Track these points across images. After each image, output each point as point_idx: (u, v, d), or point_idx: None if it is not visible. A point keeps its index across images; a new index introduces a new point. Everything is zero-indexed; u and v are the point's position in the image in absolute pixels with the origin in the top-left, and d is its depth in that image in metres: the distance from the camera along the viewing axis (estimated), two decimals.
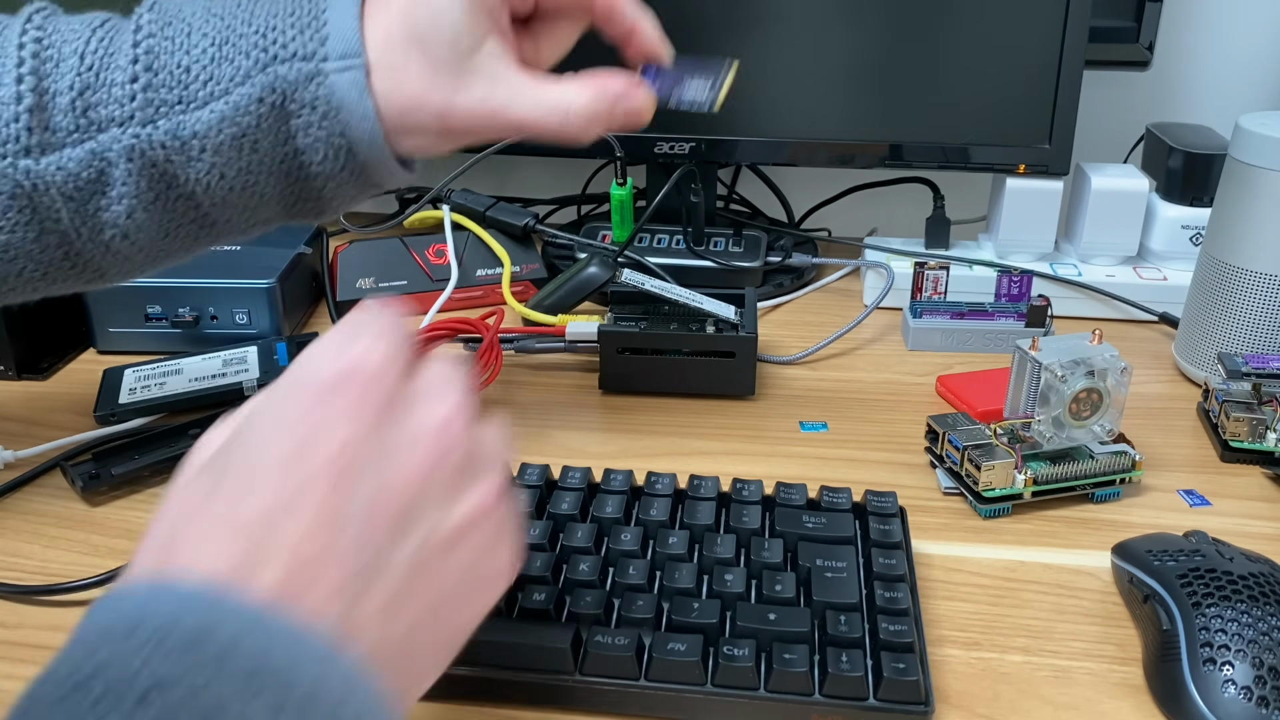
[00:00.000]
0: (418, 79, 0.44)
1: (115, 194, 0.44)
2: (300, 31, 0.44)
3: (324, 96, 0.44)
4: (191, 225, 0.47)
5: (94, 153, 0.44)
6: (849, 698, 0.43)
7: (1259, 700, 0.42)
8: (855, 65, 0.81)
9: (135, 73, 0.43)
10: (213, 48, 0.44)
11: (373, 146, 0.45)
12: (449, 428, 0.31)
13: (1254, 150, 0.66)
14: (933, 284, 0.78)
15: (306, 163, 0.45)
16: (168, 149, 0.44)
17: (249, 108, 0.44)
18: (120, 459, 0.59)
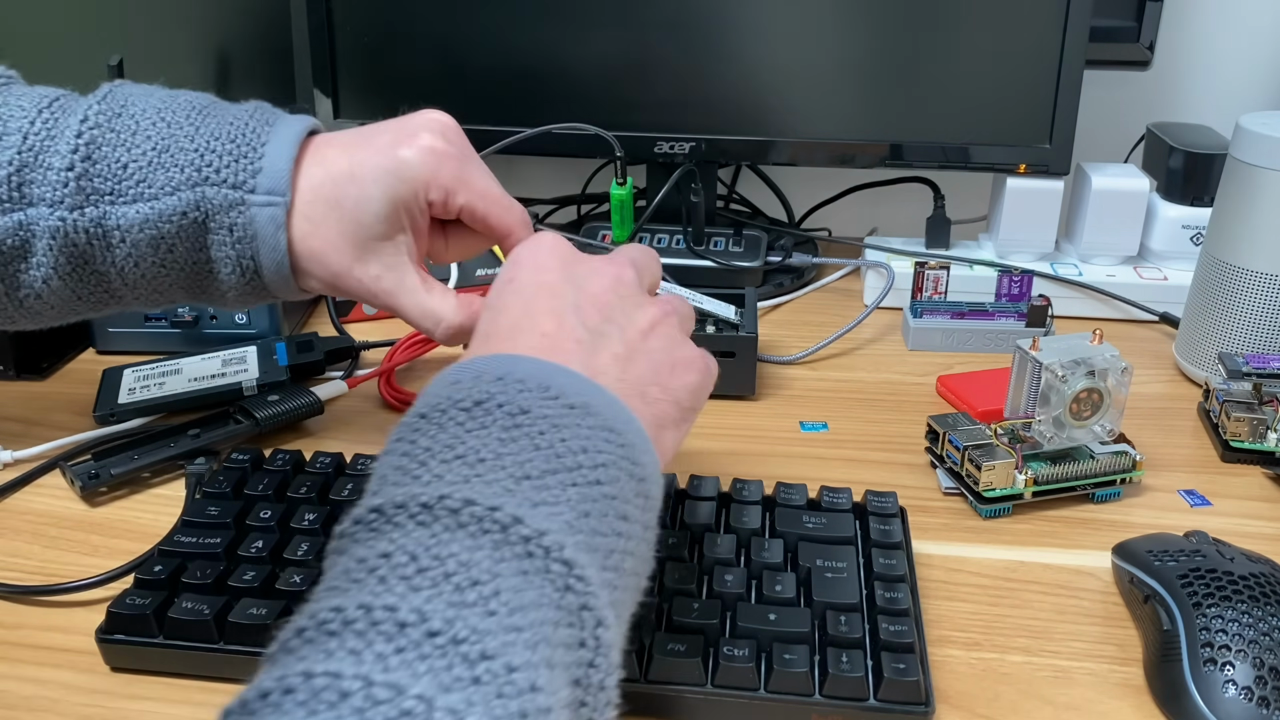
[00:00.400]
0: (325, 239, 0.49)
1: (35, 262, 0.48)
2: (236, 160, 0.48)
3: (242, 224, 0.48)
4: (102, 295, 0.50)
5: (20, 224, 0.47)
6: (849, 698, 0.43)
7: (1259, 700, 0.42)
8: (855, 65, 0.81)
9: (73, 161, 0.47)
10: (153, 152, 0.48)
11: (278, 274, 0.49)
12: (616, 268, 0.44)
13: (1255, 150, 0.66)
14: (933, 284, 0.78)
15: (214, 271, 0.50)
16: (89, 234, 0.47)
17: (171, 216, 0.47)
18: (119, 459, 0.59)
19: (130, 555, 0.53)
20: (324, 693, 0.26)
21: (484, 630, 0.29)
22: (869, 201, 0.95)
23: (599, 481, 0.35)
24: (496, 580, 0.30)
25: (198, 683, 0.46)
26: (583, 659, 0.32)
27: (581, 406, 0.36)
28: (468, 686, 0.27)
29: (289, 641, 0.30)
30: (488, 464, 0.34)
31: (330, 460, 0.56)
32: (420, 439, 0.35)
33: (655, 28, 0.81)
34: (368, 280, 0.49)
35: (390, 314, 0.52)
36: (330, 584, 0.31)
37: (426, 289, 0.50)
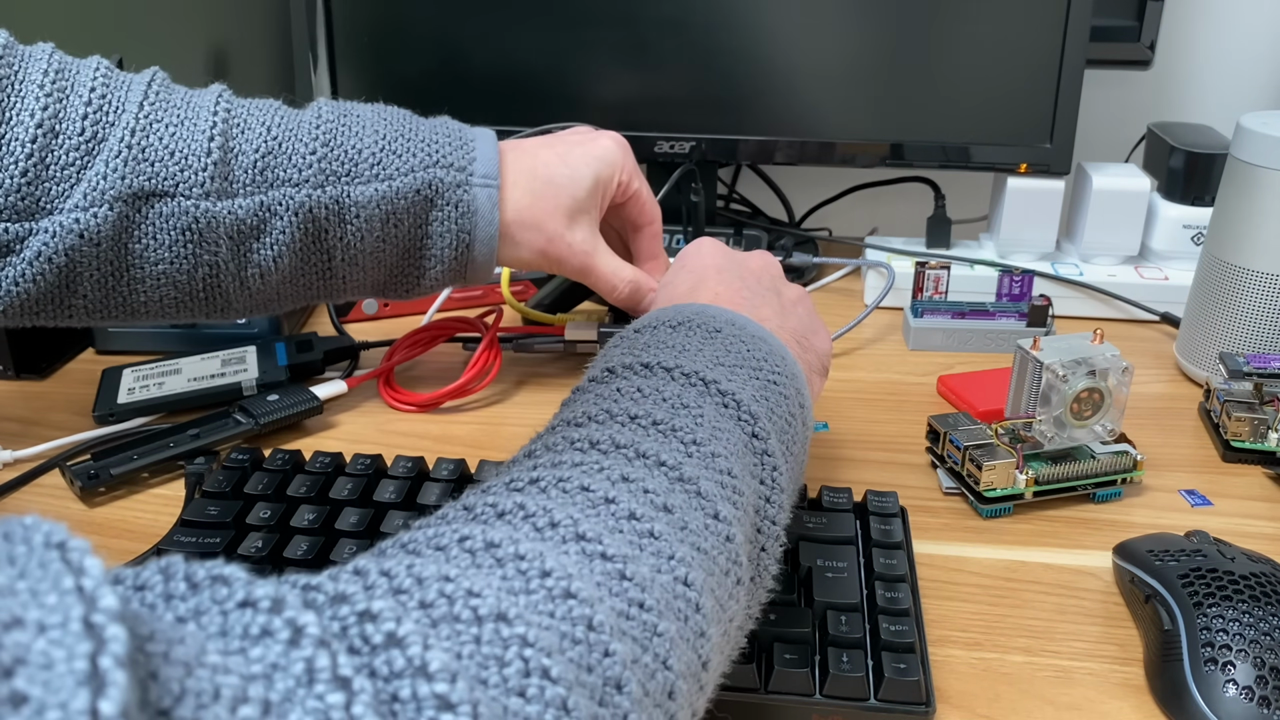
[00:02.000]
0: (544, 209, 0.58)
1: (270, 240, 0.54)
2: (455, 149, 0.57)
3: (466, 200, 0.56)
4: (320, 272, 0.57)
5: (263, 205, 0.53)
6: (849, 698, 0.43)
7: (1260, 700, 0.42)
8: (856, 65, 0.81)
9: (315, 147, 0.54)
10: (382, 141, 0.56)
11: (487, 247, 0.58)
12: (765, 258, 0.54)
13: (1255, 149, 0.66)
14: (934, 283, 0.78)
15: (429, 246, 0.57)
16: (329, 210, 0.54)
17: (406, 194, 0.55)
18: (119, 459, 0.59)
19: (130, 555, 0.53)
20: (578, 443, 0.37)
21: (695, 429, 0.38)
22: (869, 201, 0.95)
23: (775, 382, 0.43)
24: (702, 409, 0.39)
25: None
26: (761, 492, 0.39)
27: (760, 336, 0.45)
28: (682, 455, 0.36)
29: (541, 438, 0.39)
30: (690, 352, 0.42)
31: (330, 460, 0.56)
32: (638, 339, 0.44)
33: (655, 28, 0.81)
34: (576, 243, 0.59)
35: (580, 279, 0.62)
36: (565, 414, 0.40)
37: (613, 255, 0.61)
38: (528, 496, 0.32)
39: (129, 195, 0.51)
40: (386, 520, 0.51)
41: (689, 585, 0.32)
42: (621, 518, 0.32)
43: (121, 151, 0.51)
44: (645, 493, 0.33)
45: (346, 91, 0.86)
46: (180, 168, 0.51)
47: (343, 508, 0.53)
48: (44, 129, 0.50)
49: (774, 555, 0.39)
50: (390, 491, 0.54)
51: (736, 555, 0.35)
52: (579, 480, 0.33)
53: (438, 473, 0.55)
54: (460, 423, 0.67)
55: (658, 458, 0.35)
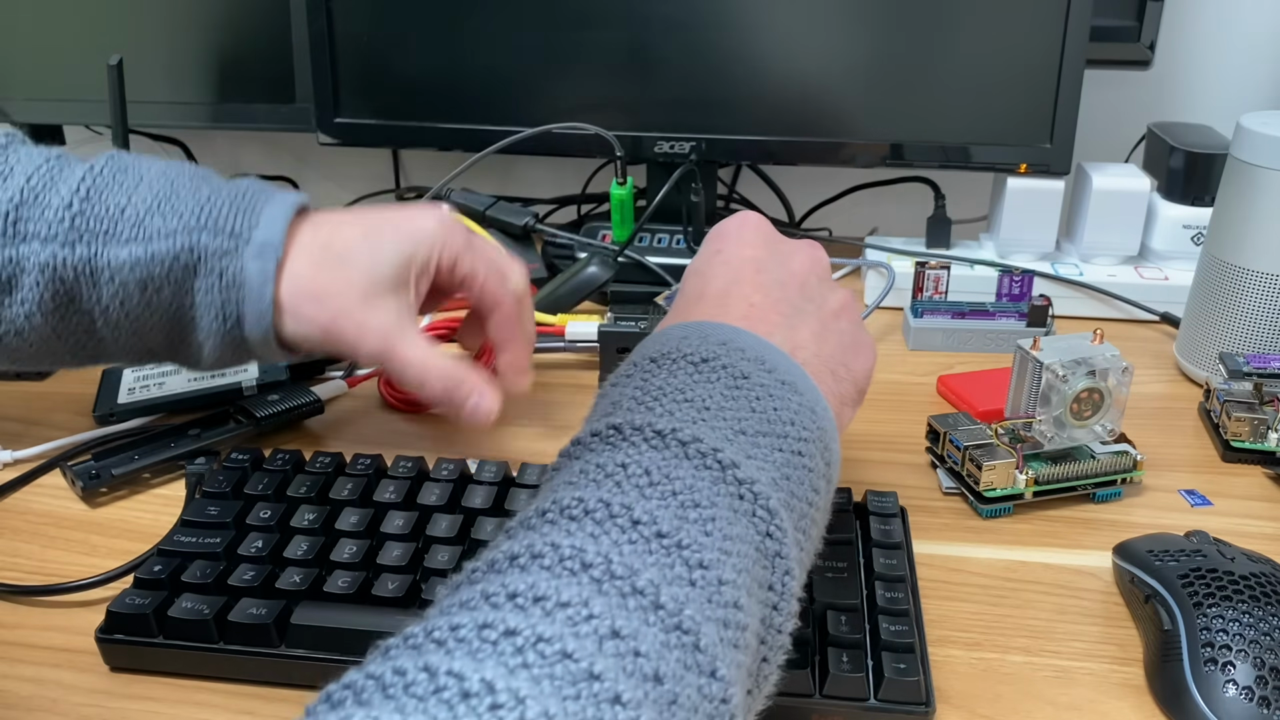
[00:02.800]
0: (329, 282, 0.50)
1: (20, 298, 0.49)
2: (235, 214, 0.50)
3: (231, 272, 0.49)
4: (82, 338, 0.51)
5: (10, 259, 0.49)
6: (849, 698, 0.43)
7: (1260, 700, 0.42)
8: (855, 65, 0.81)
9: (72, 200, 0.49)
10: (153, 200, 0.50)
11: (259, 325, 0.50)
12: (813, 251, 0.48)
13: (1255, 149, 0.66)
14: (934, 284, 0.78)
15: (195, 319, 0.51)
16: (78, 271, 0.49)
17: (163, 259, 0.49)
18: (120, 459, 0.59)
19: (130, 555, 0.53)
20: (568, 561, 0.31)
21: (703, 544, 0.33)
22: (869, 201, 0.95)
23: (800, 454, 0.39)
24: (714, 508, 0.35)
25: (197, 683, 0.46)
26: (769, 600, 0.36)
27: (790, 384, 0.41)
28: (685, 585, 0.32)
29: (530, 520, 0.34)
30: (712, 412, 0.38)
31: (330, 460, 0.56)
32: (653, 379, 0.40)
33: (655, 28, 0.81)
34: (369, 324, 0.51)
35: (379, 367, 0.53)
36: (567, 480, 0.36)
37: (426, 343, 0.52)
38: (500, 666, 0.27)
39: None
40: (387, 520, 0.51)
41: None
42: (605, 701, 0.27)
43: None
44: (635, 657, 0.29)
45: (347, 92, 0.86)
46: None
47: (343, 508, 0.53)
48: None
49: (776, 663, 0.36)
50: (390, 491, 0.54)
51: (731, 717, 0.31)
52: (560, 643, 0.28)
53: (438, 473, 0.55)
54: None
55: (655, 598, 0.31)
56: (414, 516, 0.52)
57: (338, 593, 0.47)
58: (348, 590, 0.47)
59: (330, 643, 0.45)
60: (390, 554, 0.49)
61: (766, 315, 0.44)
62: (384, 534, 0.51)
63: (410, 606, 0.47)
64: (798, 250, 0.48)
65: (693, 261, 0.49)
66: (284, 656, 0.46)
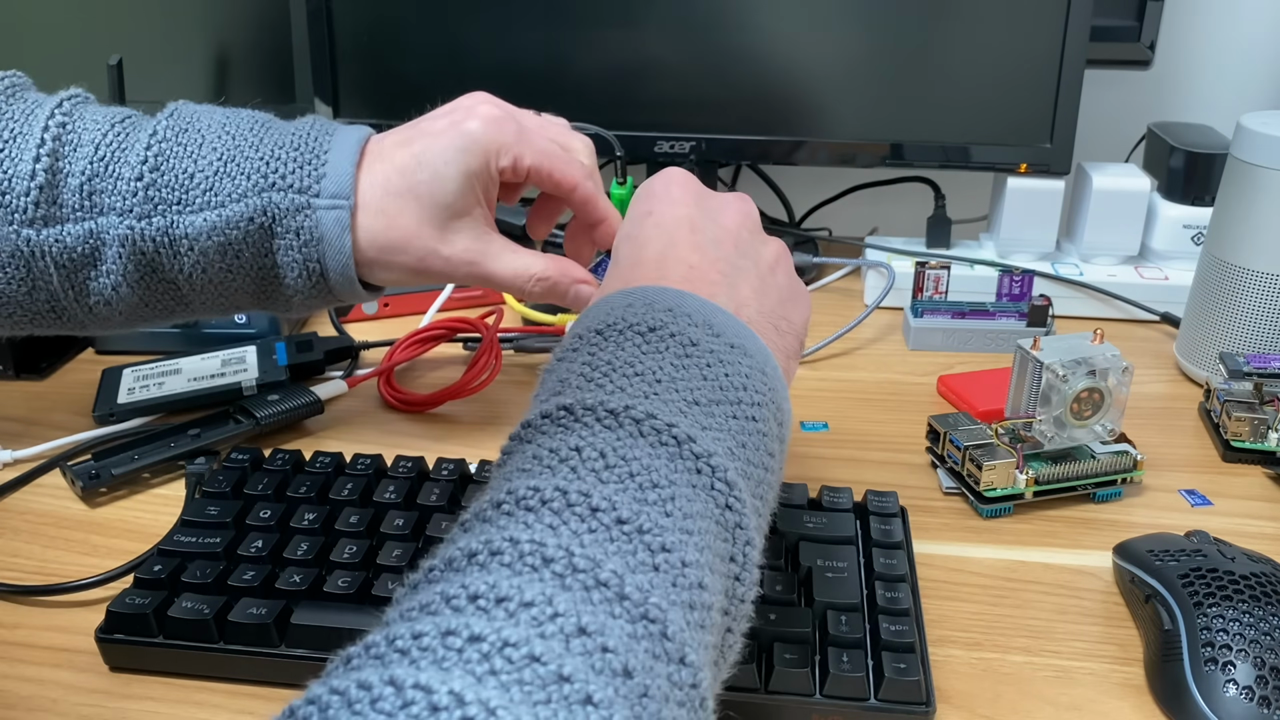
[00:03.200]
0: (405, 228, 0.50)
1: (104, 269, 0.50)
2: (300, 166, 0.49)
3: (309, 227, 0.49)
4: (169, 302, 0.52)
5: (91, 232, 0.49)
6: (849, 698, 0.43)
7: (1260, 700, 0.42)
8: (856, 65, 0.81)
9: (142, 171, 0.48)
10: (219, 162, 0.49)
11: (343, 276, 0.51)
12: (742, 204, 0.48)
13: (1255, 149, 0.66)
14: (934, 283, 0.78)
15: (280, 277, 0.51)
16: (157, 243, 0.49)
17: (239, 223, 0.49)
18: (120, 459, 0.59)
19: (130, 555, 0.53)
20: (529, 557, 0.30)
21: (664, 526, 0.33)
22: (869, 201, 0.94)
23: (754, 419, 0.38)
24: (673, 487, 0.34)
25: (197, 682, 0.46)
26: (732, 571, 0.35)
27: (740, 347, 0.40)
28: (649, 571, 0.31)
29: (485, 512, 0.33)
30: (664, 385, 0.37)
31: (330, 460, 0.56)
32: (600, 353, 0.39)
33: (655, 28, 0.81)
34: (456, 256, 0.51)
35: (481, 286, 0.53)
36: (520, 467, 0.35)
37: (511, 250, 0.53)
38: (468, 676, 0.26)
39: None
40: (386, 520, 0.51)
41: None
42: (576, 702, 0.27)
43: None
44: (604, 653, 0.28)
45: (347, 91, 0.86)
46: (3, 191, 0.48)
47: (343, 508, 0.53)
48: None
49: (740, 631, 0.36)
50: (390, 491, 0.54)
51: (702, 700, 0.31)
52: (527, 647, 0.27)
53: (438, 473, 0.55)
54: (460, 423, 0.67)
55: (620, 588, 0.30)
56: (414, 516, 0.52)
57: (338, 593, 0.47)
58: (348, 590, 0.47)
59: (330, 643, 0.45)
60: (390, 554, 0.49)
61: (706, 275, 0.43)
62: (384, 534, 0.51)
63: None
64: (728, 204, 0.47)
65: (623, 226, 0.47)
66: (284, 656, 0.46)
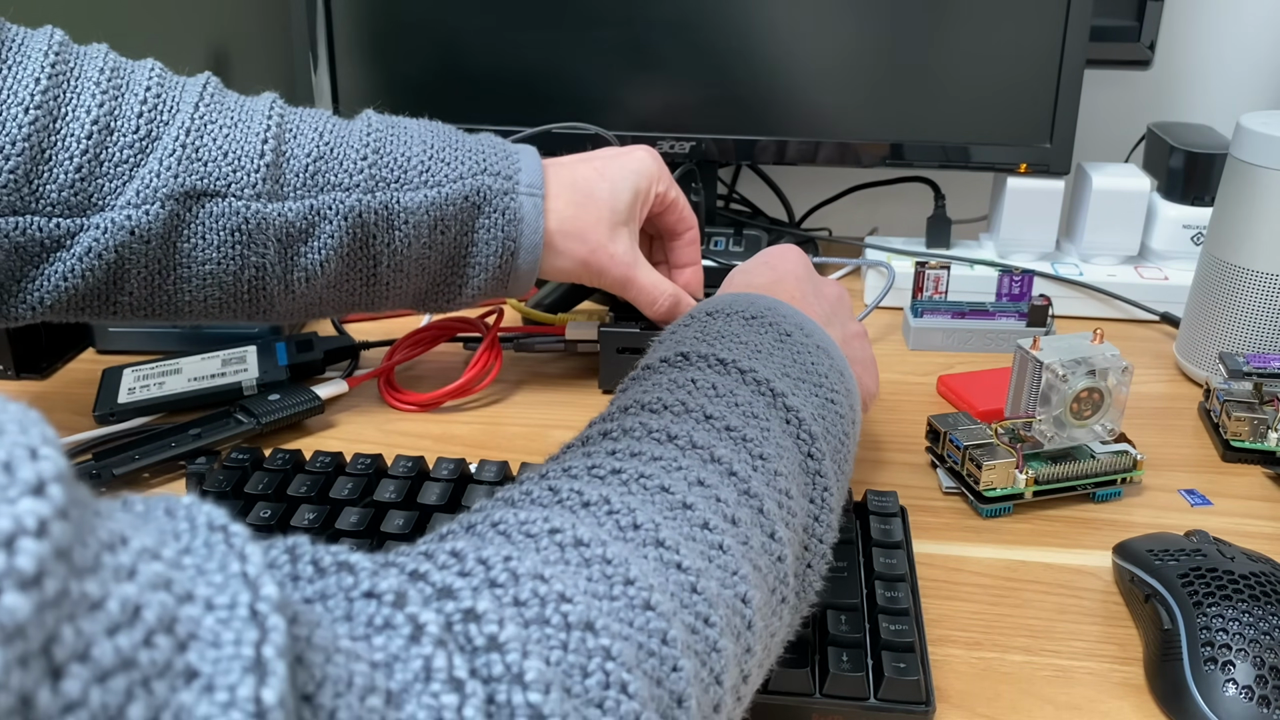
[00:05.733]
0: (585, 221, 0.59)
1: (319, 244, 0.55)
2: (501, 159, 0.58)
3: (513, 208, 0.58)
4: (360, 283, 0.57)
5: (313, 208, 0.54)
6: (849, 697, 0.43)
7: (1260, 700, 0.42)
8: (856, 65, 0.81)
9: (365, 153, 0.55)
10: (430, 151, 0.57)
11: (531, 255, 0.59)
12: (841, 288, 0.56)
13: (1255, 149, 0.66)
14: (934, 283, 0.78)
15: (475, 254, 0.58)
16: (378, 215, 0.55)
17: (454, 200, 0.56)
18: (120, 459, 0.59)
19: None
20: (655, 434, 0.37)
21: (762, 441, 0.39)
22: (869, 201, 0.95)
23: (833, 400, 0.44)
24: (770, 423, 0.40)
25: None
26: (812, 511, 0.40)
27: (824, 349, 0.46)
28: (750, 467, 0.37)
29: (612, 414, 0.40)
30: (763, 355, 0.44)
31: (330, 460, 0.56)
32: (711, 325, 0.46)
33: (655, 28, 0.81)
34: (618, 254, 0.60)
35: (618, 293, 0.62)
36: (642, 390, 0.41)
37: (652, 268, 0.63)
38: (611, 489, 0.33)
39: (181, 194, 0.51)
40: (387, 520, 0.51)
41: (746, 603, 0.33)
42: (696, 525, 0.33)
43: (175, 150, 0.51)
44: (717, 501, 0.35)
45: (346, 91, 0.86)
46: (233, 168, 0.52)
47: (343, 507, 0.53)
48: (99, 126, 0.50)
49: (819, 572, 0.40)
50: (390, 491, 0.54)
51: (785, 576, 0.36)
52: (659, 479, 0.34)
53: (438, 473, 0.55)
54: (461, 422, 0.67)
55: (730, 466, 0.37)
56: (414, 516, 0.52)
57: None
58: None
59: None
60: None
61: (805, 308, 0.50)
62: (384, 534, 0.51)
63: None
64: (830, 282, 0.56)
65: (740, 265, 0.56)
66: None
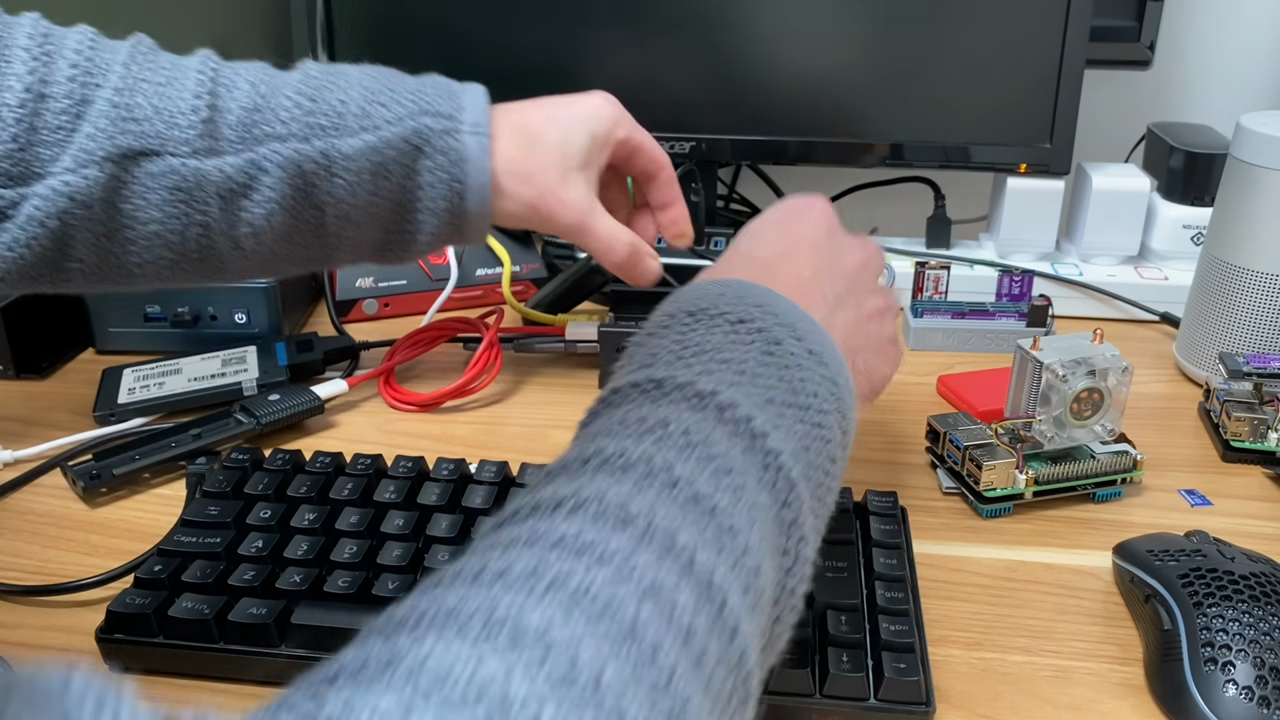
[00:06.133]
0: (533, 163, 0.56)
1: (260, 197, 0.53)
2: (443, 99, 0.55)
3: (455, 149, 0.55)
4: (309, 236, 0.55)
5: (251, 162, 0.52)
6: (849, 698, 0.43)
7: (1260, 700, 0.42)
8: (856, 65, 0.81)
9: (300, 101, 0.53)
10: (368, 94, 0.54)
11: (479, 196, 0.55)
12: (869, 251, 0.52)
13: (1255, 149, 0.66)
14: (934, 283, 0.78)
15: (421, 198, 0.55)
16: (317, 164, 0.53)
17: (394, 143, 0.54)
18: (121, 459, 0.59)
19: (130, 555, 0.53)
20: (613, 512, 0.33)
21: (733, 511, 0.35)
22: (869, 201, 0.95)
23: (820, 425, 0.41)
24: (744, 476, 0.37)
25: (198, 682, 0.46)
26: (784, 565, 0.38)
27: (818, 355, 0.42)
28: (716, 549, 0.34)
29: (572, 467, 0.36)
30: (746, 377, 0.40)
31: (330, 460, 0.56)
32: (691, 334, 0.42)
33: (655, 27, 0.81)
34: (569, 200, 0.56)
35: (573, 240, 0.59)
36: (608, 429, 0.38)
37: (609, 216, 0.59)
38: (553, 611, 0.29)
39: (117, 155, 0.50)
40: (387, 520, 0.51)
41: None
42: (644, 658, 0.29)
43: (108, 111, 0.50)
44: (674, 608, 0.31)
45: None
46: (167, 125, 0.51)
47: (343, 508, 0.53)
48: (31, 93, 0.50)
49: (788, 623, 0.38)
50: (390, 491, 0.54)
51: (747, 675, 0.34)
52: (605, 594, 0.30)
53: (438, 473, 0.55)
54: (460, 423, 0.67)
55: (691, 556, 0.33)
56: (414, 516, 0.52)
57: (338, 592, 0.47)
58: (348, 590, 0.47)
59: (330, 643, 0.45)
60: (390, 554, 0.49)
61: (811, 292, 0.46)
62: (384, 534, 0.51)
63: None
64: (855, 247, 0.51)
65: (751, 222, 0.52)
66: (284, 656, 0.46)
